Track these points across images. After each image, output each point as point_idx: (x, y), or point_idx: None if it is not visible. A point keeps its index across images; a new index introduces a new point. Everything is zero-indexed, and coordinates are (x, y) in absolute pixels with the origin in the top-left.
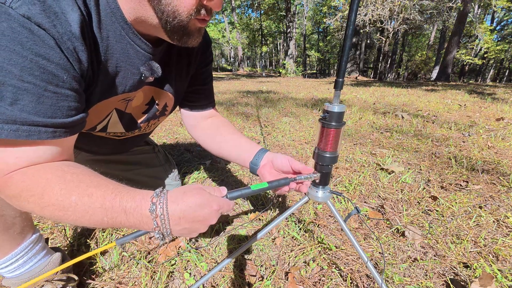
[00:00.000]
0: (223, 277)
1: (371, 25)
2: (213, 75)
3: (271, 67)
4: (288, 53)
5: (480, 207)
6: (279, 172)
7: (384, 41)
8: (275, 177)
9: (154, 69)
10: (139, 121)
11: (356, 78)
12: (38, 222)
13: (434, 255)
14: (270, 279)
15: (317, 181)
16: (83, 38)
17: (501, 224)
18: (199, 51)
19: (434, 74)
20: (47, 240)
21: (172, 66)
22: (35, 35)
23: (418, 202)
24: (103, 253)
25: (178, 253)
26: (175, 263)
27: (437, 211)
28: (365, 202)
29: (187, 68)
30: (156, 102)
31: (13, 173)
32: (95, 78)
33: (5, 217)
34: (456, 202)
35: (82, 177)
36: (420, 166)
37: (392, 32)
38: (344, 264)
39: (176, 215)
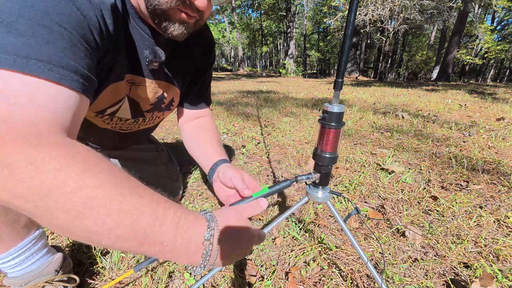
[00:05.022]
0: (223, 277)
1: (371, 25)
2: (213, 75)
3: (271, 67)
4: (288, 53)
5: (481, 207)
6: (225, 186)
7: (384, 41)
8: (224, 192)
9: (157, 53)
10: (144, 110)
11: (356, 78)
12: None
13: (435, 255)
14: (270, 279)
15: (317, 181)
16: (112, 12)
17: (502, 224)
18: (200, 51)
19: (434, 74)
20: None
21: (181, 61)
22: None
23: (418, 202)
24: (103, 253)
25: None
26: (175, 263)
27: (437, 211)
28: (365, 202)
29: (189, 66)
30: (164, 95)
31: (50, 131)
32: (114, 56)
33: (12, 209)
34: (456, 202)
35: (123, 175)
36: (421, 166)
37: (392, 32)
38: (344, 264)
39: (224, 242)
